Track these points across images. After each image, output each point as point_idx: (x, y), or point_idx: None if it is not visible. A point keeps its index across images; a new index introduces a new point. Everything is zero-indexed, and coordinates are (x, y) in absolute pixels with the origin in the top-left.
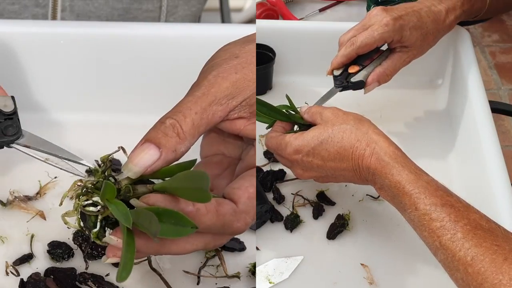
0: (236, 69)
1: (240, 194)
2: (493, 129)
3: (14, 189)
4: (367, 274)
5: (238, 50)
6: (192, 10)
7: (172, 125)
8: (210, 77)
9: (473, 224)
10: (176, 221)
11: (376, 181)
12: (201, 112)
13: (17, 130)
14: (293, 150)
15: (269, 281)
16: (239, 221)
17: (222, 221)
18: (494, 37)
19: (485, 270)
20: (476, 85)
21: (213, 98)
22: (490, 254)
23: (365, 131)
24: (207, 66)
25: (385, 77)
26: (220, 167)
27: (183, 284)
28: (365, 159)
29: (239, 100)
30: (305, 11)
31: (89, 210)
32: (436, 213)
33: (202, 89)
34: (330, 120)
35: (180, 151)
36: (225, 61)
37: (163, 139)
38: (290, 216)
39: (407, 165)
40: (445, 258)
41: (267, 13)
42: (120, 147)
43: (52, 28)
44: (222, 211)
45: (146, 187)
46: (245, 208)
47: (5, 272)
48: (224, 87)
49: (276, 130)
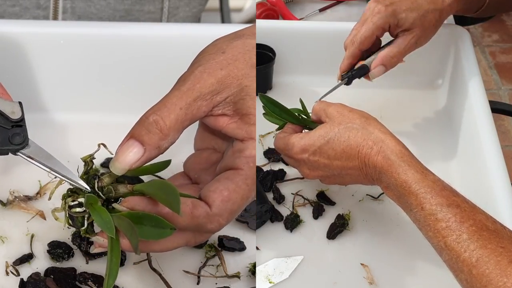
0: (221, 65)
1: (214, 197)
2: (493, 129)
3: (14, 189)
4: (367, 274)
5: (225, 46)
6: (193, 11)
7: (155, 121)
8: (196, 72)
9: (479, 225)
10: (155, 224)
11: (382, 180)
12: (186, 108)
13: (24, 139)
14: (300, 149)
15: (269, 281)
16: (212, 223)
17: (196, 222)
18: (494, 37)
19: (490, 272)
20: (476, 85)
21: (198, 94)
22: (495, 256)
23: (372, 130)
24: (195, 60)
25: (389, 59)
26: (208, 162)
27: (183, 284)
28: (372, 158)
29: (223, 96)
30: (305, 11)
31: (75, 211)
32: (442, 213)
33: (187, 84)
34: (336, 118)
35: (164, 147)
36: (212, 57)
37: (146, 137)
38: (290, 216)
39: (414, 164)
40: (450, 259)
41: (267, 13)
42: (101, 144)
43: (52, 28)
44: (196, 213)
45: (126, 188)
46: (218, 211)
47: (5, 272)
48: (209, 83)
49: (285, 131)
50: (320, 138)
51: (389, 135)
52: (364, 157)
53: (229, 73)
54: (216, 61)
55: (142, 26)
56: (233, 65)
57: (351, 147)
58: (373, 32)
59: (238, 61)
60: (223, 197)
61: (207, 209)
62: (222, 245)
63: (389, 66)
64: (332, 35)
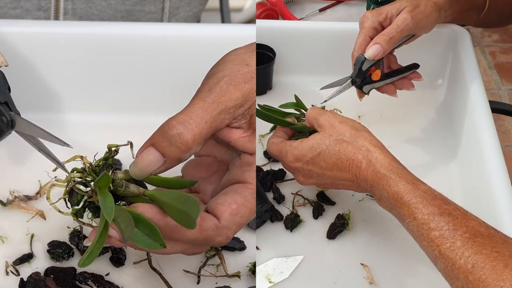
0: (246, 78)
1: (222, 210)
2: (493, 129)
3: (14, 189)
4: (367, 274)
5: (248, 58)
6: (193, 11)
7: (179, 135)
8: (222, 83)
9: (472, 231)
10: (149, 233)
11: (374, 192)
12: (211, 121)
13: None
14: (293, 158)
15: (269, 280)
16: (220, 236)
17: (204, 235)
18: (494, 37)
19: (486, 277)
20: (476, 85)
21: (223, 107)
22: (490, 261)
23: (362, 143)
24: (218, 68)
25: (381, 36)
26: (209, 170)
27: (183, 283)
28: (362, 172)
29: (243, 109)
30: (305, 11)
31: (78, 188)
32: (434, 222)
33: (213, 96)
34: (327, 129)
35: (184, 159)
36: (236, 68)
37: (168, 149)
38: (290, 216)
39: (404, 175)
40: (445, 267)
41: (267, 13)
42: (129, 142)
43: (52, 28)
44: (205, 226)
45: (137, 189)
46: (227, 224)
47: (5, 271)
48: (235, 97)
49: (277, 135)
50: (311, 150)
51: (378, 147)
52: (355, 171)
53: (252, 86)
54: (241, 73)
55: (142, 26)
56: (254, 79)
57: (342, 160)
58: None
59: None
60: (232, 210)
61: (215, 221)
62: None
63: (385, 45)
64: (332, 35)
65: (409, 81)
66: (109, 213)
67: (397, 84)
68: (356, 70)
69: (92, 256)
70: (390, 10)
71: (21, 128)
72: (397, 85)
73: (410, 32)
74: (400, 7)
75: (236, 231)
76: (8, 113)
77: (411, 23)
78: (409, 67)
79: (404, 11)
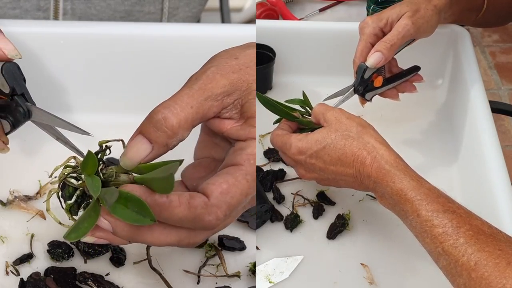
0: (234, 69)
1: (213, 188)
2: (493, 129)
3: (14, 189)
4: (367, 274)
5: (238, 53)
6: (193, 11)
7: (164, 119)
8: (209, 72)
9: (475, 229)
10: (138, 210)
11: (377, 190)
12: (197, 107)
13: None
14: (297, 151)
15: (269, 280)
16: (210, 215)
17: (193, 213)
18: (494, 37)
19: (489, 274)
20: (476, 85)
21: (209, 93)
22: (493, 259)
23: (367, 139)
24: (207, 63)
25: (382, 43)
26: (207, 170)
27: (183, 283)
28: (366, 168)
29: (233, 98)
30: (305, 11)
31: (70, 181)
32: (438, 219)
33: (199, 83)
34: (333, 124)
35: (172, 145)
36: (225, 60)
37: (154, 135)
38: (290, 216)
39: (409, 172)
40: (448, 264)
41: (267, 13)
42: (121, 139)
43: (52, 28)
44: (194, 203)
45: (127, 177)
46: (216, 202)
47: (5, 271)
48: (221, 84)
49: (282, 128)
50: (317, 143)
51: (384, 144)
52: (359, 167)
53: (241, 77)
54: (229, 64)
55: (142, 26)
56: (245, 70)
57: (346, 155)
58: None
59: (250, 68)
60: (222, 189)
61: (205, 199)
62: (222, 244)
63: (385, 52)
64: (332, 35)
65: (411, 84)
66: (95, 190)
67: (399, 87)
68: (358, 79)
69: (78, 232)
70: (391, 15)
71: (38, 118)
72: (399, 89)
73: (411, 38)
74: (401, 12)
75: (227, 213)
76: (24, 104)
77: (412, 28)
78: (410, 70)
79: (405, 16)
